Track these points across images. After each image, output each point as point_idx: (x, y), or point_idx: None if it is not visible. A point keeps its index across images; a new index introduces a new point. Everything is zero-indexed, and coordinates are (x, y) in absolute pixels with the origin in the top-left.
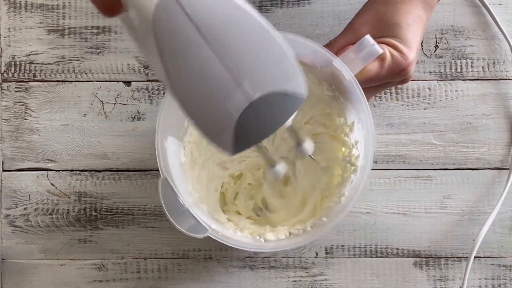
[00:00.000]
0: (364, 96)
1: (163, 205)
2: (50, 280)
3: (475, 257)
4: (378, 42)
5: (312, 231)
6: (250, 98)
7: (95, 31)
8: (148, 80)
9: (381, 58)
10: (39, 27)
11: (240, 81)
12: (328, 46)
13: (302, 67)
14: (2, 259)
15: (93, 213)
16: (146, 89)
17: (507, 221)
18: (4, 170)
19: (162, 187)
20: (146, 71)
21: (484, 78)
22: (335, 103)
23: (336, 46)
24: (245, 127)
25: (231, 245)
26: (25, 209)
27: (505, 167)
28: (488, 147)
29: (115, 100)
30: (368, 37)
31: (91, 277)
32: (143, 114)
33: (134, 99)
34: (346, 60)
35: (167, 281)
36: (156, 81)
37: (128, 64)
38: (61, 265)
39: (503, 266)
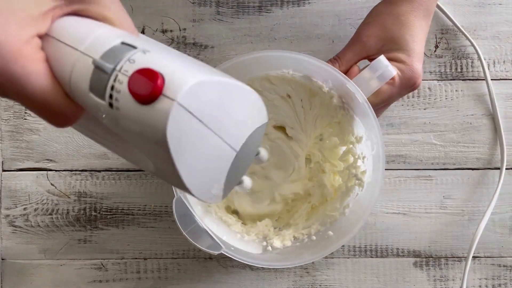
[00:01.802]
0: (377, 119)
1: (177, 222)
2: (50, 280)
3: (475, 257)
4: (388, 57)
5: (318, 243)
6: (236, 148)
7: None
8: None
9: (393, 78)
10: None
11: (228, 141)
12: (336, 60)
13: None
14: (2, 259)
15: (93, 213)
16: None
17: (507, 221)
18: (4, 170)
19: (177, 204)
20: None
21: (484, 78)
22: (343, 113)
23: (345, 60)
24: (230, 173)
25: (242, 261)
26: (25, 209)
27: (505, 167)
28: (488, 147)
29: None
30: (382, 58)
31: (91, 277)
32: None
33: None
34: (360, 82)
35: (167, 281)
36: None
37: None
38: (61, 265)
39: (503, 266)
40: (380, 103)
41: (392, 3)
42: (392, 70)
